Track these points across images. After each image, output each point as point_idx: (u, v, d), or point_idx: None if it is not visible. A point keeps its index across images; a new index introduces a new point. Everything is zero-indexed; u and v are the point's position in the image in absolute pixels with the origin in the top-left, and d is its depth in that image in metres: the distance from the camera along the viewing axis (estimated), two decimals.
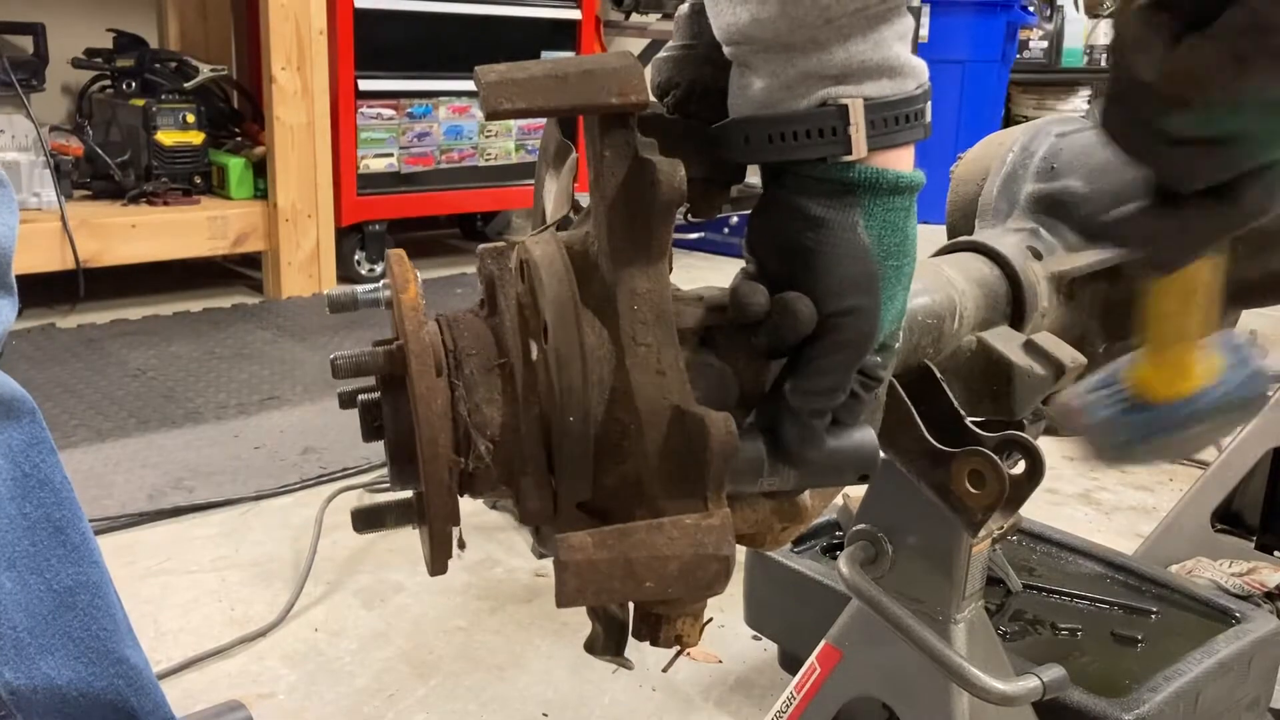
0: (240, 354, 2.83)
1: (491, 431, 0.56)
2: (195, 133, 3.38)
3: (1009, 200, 0.91)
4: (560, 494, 0.57)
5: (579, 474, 0.56)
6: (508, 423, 0.57)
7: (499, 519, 1.99)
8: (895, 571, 0.91)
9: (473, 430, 0.56)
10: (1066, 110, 6.07)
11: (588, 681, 1.50)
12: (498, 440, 0.57)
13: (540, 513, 0.58)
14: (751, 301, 0.56)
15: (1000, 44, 5.31)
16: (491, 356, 0.57)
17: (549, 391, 0.55)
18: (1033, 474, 0.71)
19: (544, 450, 0.57)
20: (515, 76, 0.53)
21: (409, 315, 0.55)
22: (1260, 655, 1.25)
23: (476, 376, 0.57)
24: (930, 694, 0.91)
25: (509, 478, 0.58)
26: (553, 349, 0.54)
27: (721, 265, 4.13)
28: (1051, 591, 1.37)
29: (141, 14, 3.79)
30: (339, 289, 0.64)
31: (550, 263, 0.56)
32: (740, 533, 0.60)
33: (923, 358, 0.77)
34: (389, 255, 0.60)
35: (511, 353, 0.57)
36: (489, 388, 0.57)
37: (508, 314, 0.57)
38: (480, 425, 0.56)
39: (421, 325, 0.55)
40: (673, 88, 0.62)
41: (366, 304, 0.63)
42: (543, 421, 0.56)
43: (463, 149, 3.75)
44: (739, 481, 0.58)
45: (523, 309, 0.57)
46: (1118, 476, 2.32)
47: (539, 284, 0.55)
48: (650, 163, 0.54)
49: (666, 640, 0.59)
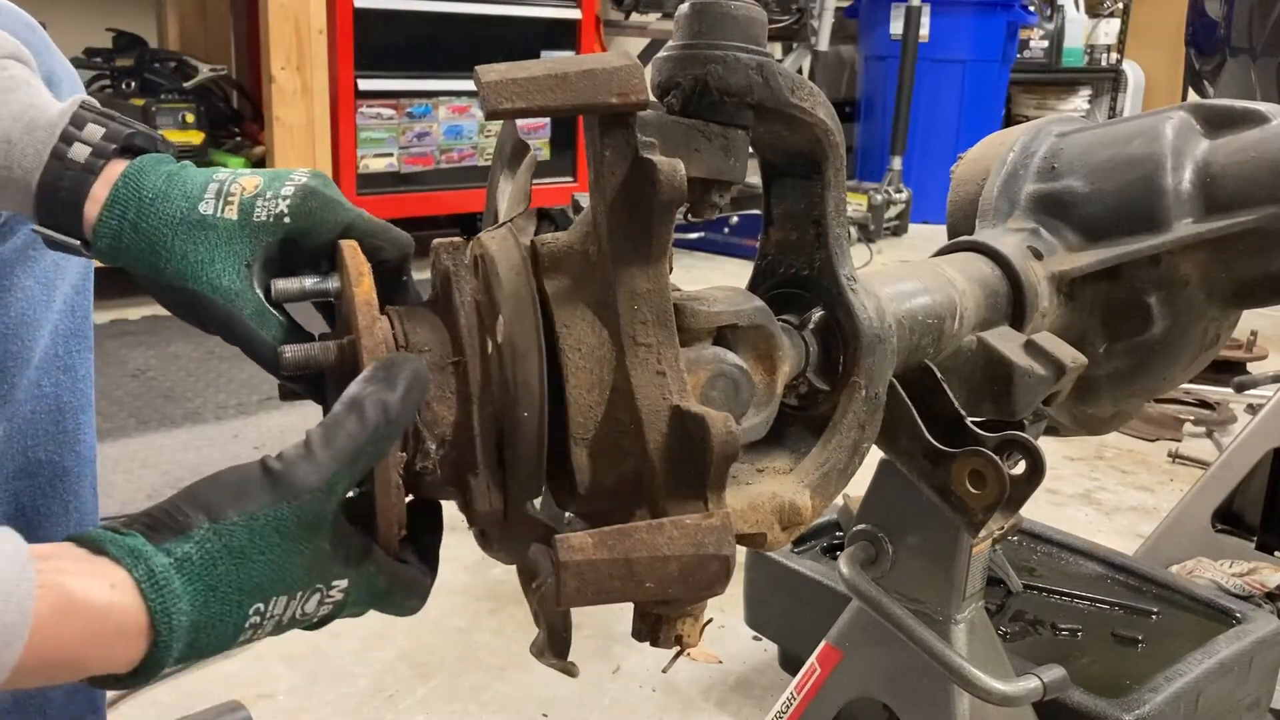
0: (240, 354, 2.82)
1: (442, 430, 0.56)
2: (195, 132, 3.38)
3: (1009, 200, 0.91)
4: (511, 494, 0.56)
5: (531, 472, 0.55)
6: (460, 421, 0.56)
7: None
8: (895, 571, 0.91)
9: (422, 428, 0.55)
10: (1067, 110, 6.07)
11: (588, 681, 1.50)
12: (448, 439, 0.56)
13: (489, 515, 0.57)
14: None
15: (1001, 44, 5.31)
16: (445, 353, 0.56)
17: (503, 387, 0.55)
18: (1033, 474, 0.71)
19: (496, 451, 0.56)
20: (515, 76, 0.53)
21: (362, 310, 0.54)
22: (1261, 656, 1.25)
23: (429, 374, 0.56)
24: (930, 694, 0.91)
25: (458, 478, 0.57)
26: (508, 343, 0.54)
27: (722, 265, 4.13)
28: (1052, 592, 1.37)
29: (141, 14, 3.78)
30: (284, 280, 0.62)
31: (507, 257, 0.55)
32: (740, 533, 0.60)
33: (923, 358, 0.77)
34: (341, 246, 0.59)
35: (466, 350, 0.56)
36: (441, 385, 0.56)
37: (463, 310, 0.57)
38: (430, 423, 0.56)
39: (375, 321, 0.54)
40: (673, 88, 0.62)
41: (315, 295, 0.62)
42: (496, 421, 0.55)
43: (462, 149, 3.75)
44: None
45: (479, 305, 0.56)
46: (1118, 477, 2.32)
47: (495, 279, 0.55)
48: (650, 163, 0.54)
49: (666, 640, 0.59)
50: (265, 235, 0.61)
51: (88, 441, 1.02)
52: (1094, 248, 0.87)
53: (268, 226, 0.61)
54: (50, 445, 0.97)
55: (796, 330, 0.68)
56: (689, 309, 0.60)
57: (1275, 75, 2.92)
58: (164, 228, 0.60)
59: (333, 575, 0.54)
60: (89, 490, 1.03)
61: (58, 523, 0.99)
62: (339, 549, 0.54)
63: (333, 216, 0.61)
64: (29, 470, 0.96)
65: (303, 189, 0.62)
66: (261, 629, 0.52)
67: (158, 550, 0.49)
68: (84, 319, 0.99)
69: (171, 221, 0.60)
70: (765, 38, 0.63)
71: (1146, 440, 2.51)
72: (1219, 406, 2.59)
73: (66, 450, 0.99)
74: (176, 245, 0.60)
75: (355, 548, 0.55)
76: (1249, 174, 0.85)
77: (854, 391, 0.67)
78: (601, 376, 0.57)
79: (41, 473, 0.97)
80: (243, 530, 0.50)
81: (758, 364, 0.62)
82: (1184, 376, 0.93)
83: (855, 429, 0.67)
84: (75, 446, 1.00)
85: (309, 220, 0.61)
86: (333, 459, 0.52)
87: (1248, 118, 0.88)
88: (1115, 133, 0.91)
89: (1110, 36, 6.27)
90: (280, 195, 0.61)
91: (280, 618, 0.53)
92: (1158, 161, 0.86)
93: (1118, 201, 0.87)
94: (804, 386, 0.69)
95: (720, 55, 0.61)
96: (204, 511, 0.50)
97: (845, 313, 0.68)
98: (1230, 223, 0.84)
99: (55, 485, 0.99)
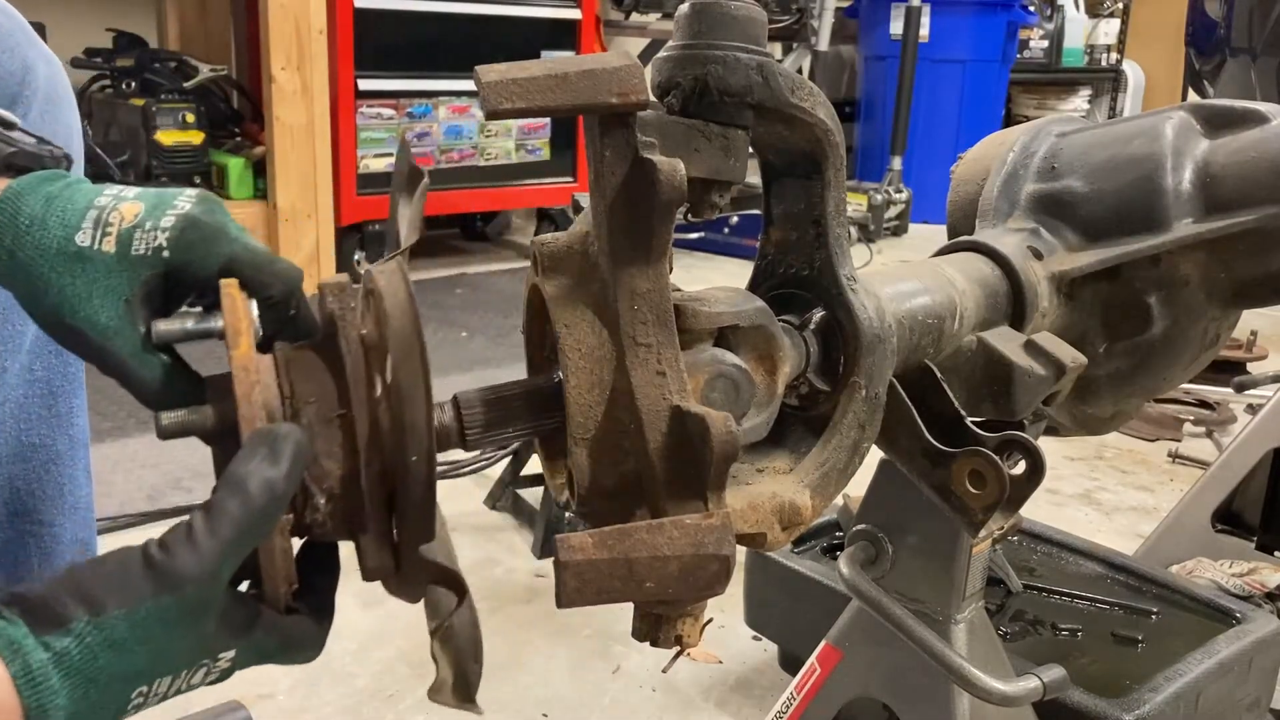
0: None
1: (330, 485, 0.54)
2: (195, 132, 3.38)
3: (1009, 200, 0.91)
4: (403, 542, 0.54)
5: (422, 518, 0.53)
6: (347, 475, 0.54)
7: (499, 519, 1.99)
8: (895, 571, 0.91)
9: (310, 483, 0.53)
10: (1067, 110, 6.07)
11: (588, 681, 1.50)
12: (336, 494, 0.54)
13: (381, 570, 0.55)
14: None
15: (1001, 44, 5.32)
16: (331, 405, 0.54)
17: (392, 432, 0.53)
18: (1033, 474, 0.71)
19: (387, 504, 0.54)
20: (515, 76, 0.53)
21: (239, 375, 0.52)
22: (1261, 656, 1.25)
23: (315, 428, 0.53)
24: (930, 694, 0.91)
25: (350, 532, 0.55)
26: (395, 385, 0.52)
27: (722, 265, 4.14)
28: (1052, 592, 1.37)
29: (141, 14, 3.79)
30: (166, 321, 0.58)
31: (394, 293, 0.53)
32: (740, 533, 0.60)
33: (923, 358, 0.77)
34: (222, 288, 0.55)
35: (353, 401, 0.53)
36: (328, 439, 0.54)
37: (349, 357, 0.54)
38: (318, 478, 0.53)
39: (253, 386, 0.52)
40: (673, 87, 0.62)
41: (198, 336, 0.58)
42: (385, 473, 0.53)
43: (463, 149, 3.75)
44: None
45: (367, 346, 0.54)
46: (1118, 477, 2.32)
47: (384, 316, 0.53)
48: (650, 163, 0.54)
49: (666, 640, 0.59)
50: (144, 269, 0.57)
51: (80, 424, 1.02)
52: (1094, 248, 0.87)
53: (146, 260, 0.57)
54: (43, 429, 0.98)
55: (797, 331, 0.68)
56: (690, 309, 0.59)
57: (1275, 75, 2.92)
58: (40, 259, 0.57)
59: (219, 649, 0.53)
60: (82, 473, 1.03)
61: (53, 505, 1.00)
62: (225, 624, 0.52)
63: (214, 250, 0.58)
64: (23, 454, 0.96)
65: (183, 219, 0.58)
66: (145, 706, 0.51)
67: (37, 644, 0.47)
68: None
69: (48, 252, 0.57)
70: (765, 38, 0.62)
71: (1146, 440, 2.51)
72: (1219, 406, 2.59)
73: (60, 433, 0.99)
74: (53, 278, 0.57)
75: (241, 618, 0.53)
76: (1249, 174, 0.85)
77: (854, 391, 0.67)
78: (601, 377, 0.57)
79: (35, 456, 0.97)
80: (123, 624, 0.48)
81: (758, 365, 0.62)
82: (1184, 376, 0.93)
83: (855, 429, 0.67)
84: (68, 430, 1.00)
85: (189, 254, 0.57)
86: (217, 546, 0.49)
87: (1248, 118, 0.88)
88: (1115, 133, 0.91)
89: (1110, 36, 6.27)
90: (159, 227, 0.57)
91: (165, 694, 0.51)
92: (1158, 161, 0.86)
93: (1118, 201, 0.87)
94: (804, 387, 0.69)
95: (720, 55, 0.60)
96: (84, 604, 0.48)
97: (845, 313, 0.68)
98: (1230, 223, 0.84)
99: (50, 468, 0.99)
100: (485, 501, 2.04)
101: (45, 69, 0.90)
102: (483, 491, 2.05)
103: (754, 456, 0.67)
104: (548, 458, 0.66)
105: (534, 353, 0.67)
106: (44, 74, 0.89)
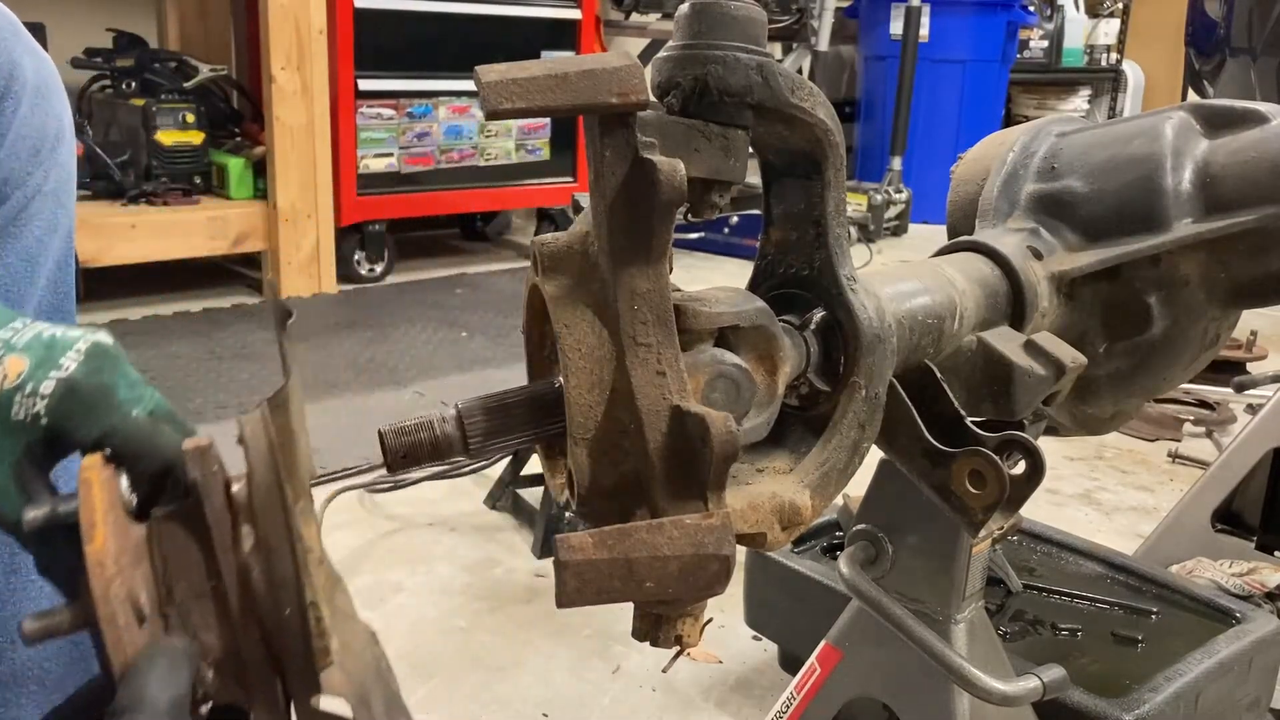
0: (240, 354, 2.83)
1: (214, 656, 0.53)
2: (195, 132, 3.39)
3: (1009, 200, 0.91)
4: (294, 695, 0.53)
5: (305, 670, 0.52)
6: (228, 646, 0.53)
7: (499, 519, 1.99)
8: (895, 571, 0.91)
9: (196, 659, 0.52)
10: (1067, 110, 6.07)
11: (588, 681, 1.50)
12: (221, 664, 0.53)
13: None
14: None
15: (1000, 44, 5.32)
16: (201, 579, 0.53)
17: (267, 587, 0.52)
18: (1033, 474, 0.71)
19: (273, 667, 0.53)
20: (515, 76, 0.53)
21: (94, 573, 0.50)
22: (1261, 655, 1.25)
23: (189, 603, 0.53)
24: (930, 694, 0.91)
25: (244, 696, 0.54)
26: (263, 541, 0.51)
27: (722, 265, 4.14)
28: (1052, 592, 1.37)
29: (141, 14, 3.79)
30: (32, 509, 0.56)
31: (256, 444, 0.53)
32: (740, 533, 0.60)
33: (923, 358, 0.77)
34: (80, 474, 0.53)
35: (224, 573, 0.52)
36: (203, 612, 0.53)
37: (216, 527, 0.53)
38: (203, 653, 0.52)
39: (110, 582, 0.50)
40: (673, 88, 0.62)
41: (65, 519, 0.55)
42: (265, 635, 0.53)
43: (463, 149, 3.75)
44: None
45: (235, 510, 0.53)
46: (1118, 476, 2.32)
47: (249, 469, 0.52)
48: (650, 163, 0.54)
49: (666, 640, 0.59)
50: (24, 435, 0.56)
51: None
52: (1094, 248, 0.87)
53: (25, 427, 0.56)
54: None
55: (797, 331, 0.68)
56: (690, 310, 0.59)
57: (1275, 75, 2.92)
58: None
59: None
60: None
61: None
62: None
63: (91, 422, 0.56)
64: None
65: (64, 385, 0.56)
66: None
67: None
68: (66, 295, 0.98)
69: None
70: (765, 38, 0.62)
71: (1146, 440, 2.51)
72: (1219, 406, 2.59)
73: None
74: None
75: None
76: (1249, 174, 0.85)
77: (854, 391, 0.67)
78: (601, 376, 0.57)
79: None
80: None
81: (759, 365, 0.62)
82: (1184, 376, 0.93)
83: (855, 429, 0.67)
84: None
85: (67, 423, 0.56)
86: None
87: (1247, 118, 0.88)
88: (1115, 133, 0.91)
89: (1110, 36, 6.27)
90: (39, 393, 0.56)
91: None
92: (1158, 161, 0.86)
93: (1118, 201, 0.87)
94: (805, 387, 0.69)
95: (720, 55, 0.60)
96: None
97: (845, 313, 0.68)
98: (1230, 223, 0.84)
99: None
100: (485, 501, 2.04)
101: (32, 63, 0.90)
102: (483, 491, 2.05)
103: (754, 456, 0.67)
104: (548, 457, 0.66)
105: (534, 353, 0.67)
106: (30, 68, 0.89)
